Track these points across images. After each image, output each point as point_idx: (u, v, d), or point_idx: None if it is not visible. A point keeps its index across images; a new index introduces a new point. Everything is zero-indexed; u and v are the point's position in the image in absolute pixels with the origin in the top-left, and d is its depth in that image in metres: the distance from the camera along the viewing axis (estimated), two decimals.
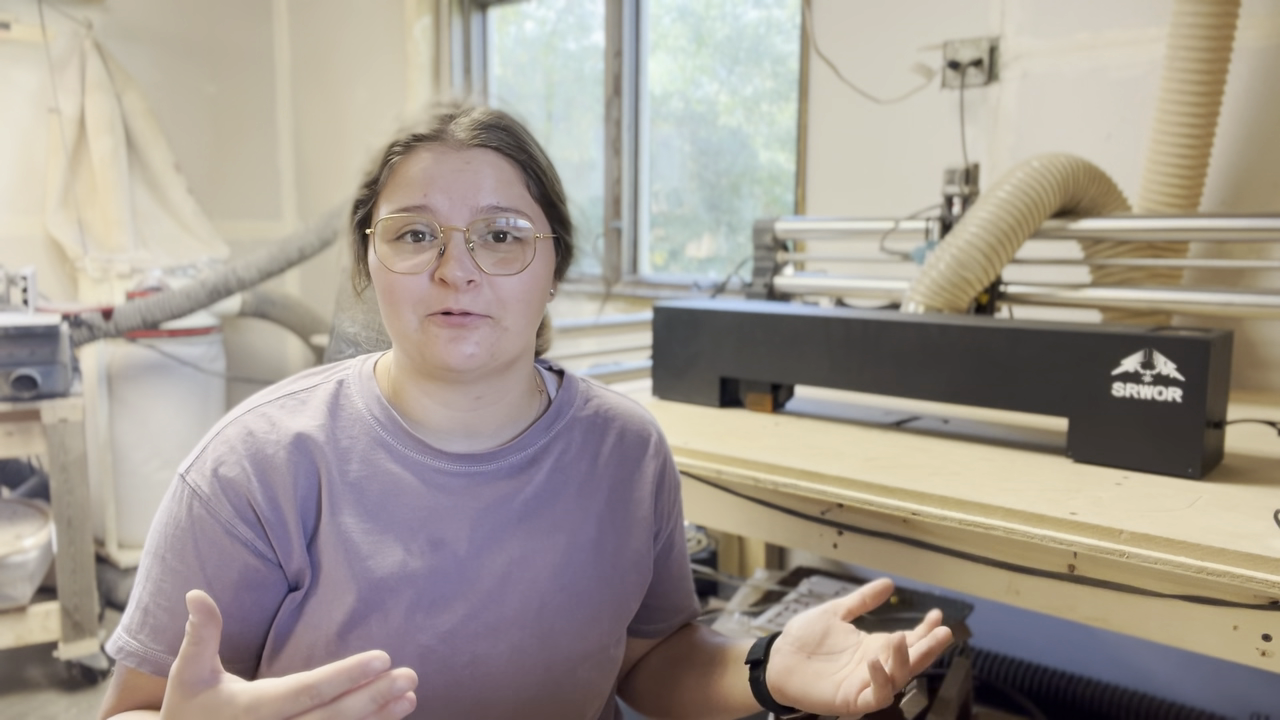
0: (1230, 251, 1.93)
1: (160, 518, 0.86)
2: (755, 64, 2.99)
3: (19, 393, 2.54)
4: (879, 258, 1.97)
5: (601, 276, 3.27)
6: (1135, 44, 2.03)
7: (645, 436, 1.00)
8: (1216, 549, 0.93)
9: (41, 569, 2.73)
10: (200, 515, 0.83)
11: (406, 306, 0.82)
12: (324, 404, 0.89)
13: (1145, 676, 2.06)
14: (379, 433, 0.88)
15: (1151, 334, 1.18)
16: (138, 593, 0.85)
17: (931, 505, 1.11)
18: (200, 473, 0.85)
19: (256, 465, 0.84)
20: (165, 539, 0.85)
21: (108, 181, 3.48)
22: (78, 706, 2.70)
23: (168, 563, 0.84)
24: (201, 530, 0.83)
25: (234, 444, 0.85)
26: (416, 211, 0.82)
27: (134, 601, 0.85)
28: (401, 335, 0.84)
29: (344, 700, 0.63)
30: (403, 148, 0.84)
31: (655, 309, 1.66)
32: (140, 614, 0.84)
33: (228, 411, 0.94)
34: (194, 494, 0.84)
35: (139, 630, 0.84)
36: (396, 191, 0.83)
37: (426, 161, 0.83)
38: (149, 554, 0.86)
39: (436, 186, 0.82)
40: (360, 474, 0.86)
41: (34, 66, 3.50)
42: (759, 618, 2.06)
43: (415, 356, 0.85)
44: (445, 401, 0.88)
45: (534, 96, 3.66)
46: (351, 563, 0.83)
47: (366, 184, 0.87)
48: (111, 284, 3.42)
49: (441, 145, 0.83)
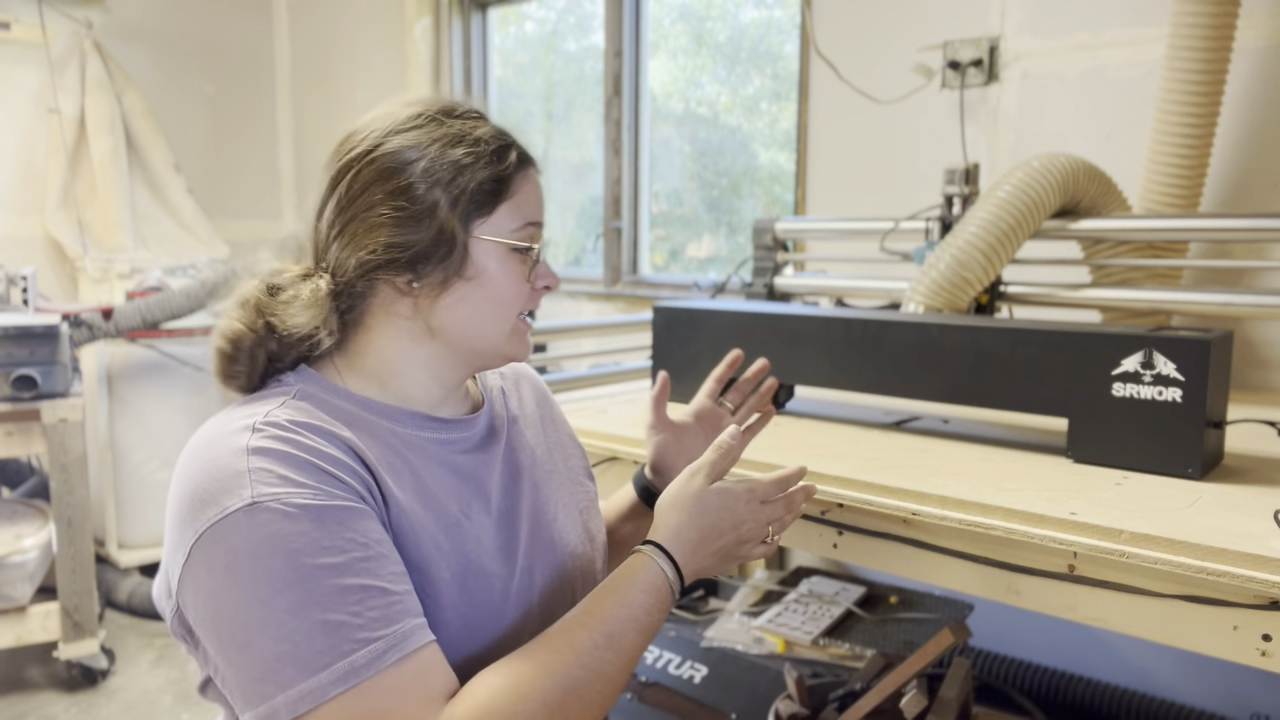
0: (1230, 251, 1.93)
1: (258, 554, 0.74)
2: (755, 64, 2.99)
3: (19, 393, 2.54)
4: (879, 258, 1.97)
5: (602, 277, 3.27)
6: (1135, 44, 2.03)
7: (538, 380, 1.17)
8: (1216, 549, 0.93)
9: (41, 569, 2.73)
10: (314, 506, 0.76)
11: (514, 310, 0.93)
12: (317, 409, 0.86)
13: (1145, 676, 2.06)
14: (378, 420, 0.89)
15: (1151, 334, 1.18)
16: (306, 625, 0.73)
17: (931, 505, 1.11)
18: (268, 483, 0.77)
19: (315, 454, 0.80)
20: (297, 554, 0.74)
21: (108, 181, 3.48)
22: (78, 706, 2.69)
23: (324, 565, 0.75)
24: (329, 515, 0.77)
25: (278, 452, 0.79)
26: (539, 229, 0.94)
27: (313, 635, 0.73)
28: (497, 334, 0.93)
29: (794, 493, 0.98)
30: (524, 163, 0.93)
31: (655, 309, 1.66)
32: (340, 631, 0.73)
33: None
34: (284, 499, 0.76)
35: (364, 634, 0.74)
36: (526, 207, 0.92)
37: (537, 183, 0.95)
38: (286, 588, 0.73)
39: (541, 206, 0.95)
40: (390, 458, 0.87)
41: (34, 66, 3.50)
42: (759, 618, 2.06)
43: (492, 352, 0.94)
44: (448, 384, 0.95)
45: (534, 97, 3.66)
46: (429, 535, 0.86)
47: (493, 190, 0.90)
48: (111, 284, 3.42)
49: (535, 168, 0.95)
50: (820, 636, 1.95)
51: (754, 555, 0.97)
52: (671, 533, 0.91)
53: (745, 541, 0.94)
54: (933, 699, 1.56)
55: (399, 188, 0.88)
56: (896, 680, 1.58)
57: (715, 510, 0.92)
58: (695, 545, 0.91)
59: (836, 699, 1.70)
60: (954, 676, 1.60)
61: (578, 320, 2.83)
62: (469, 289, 0.90)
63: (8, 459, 3.29)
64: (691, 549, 0.91)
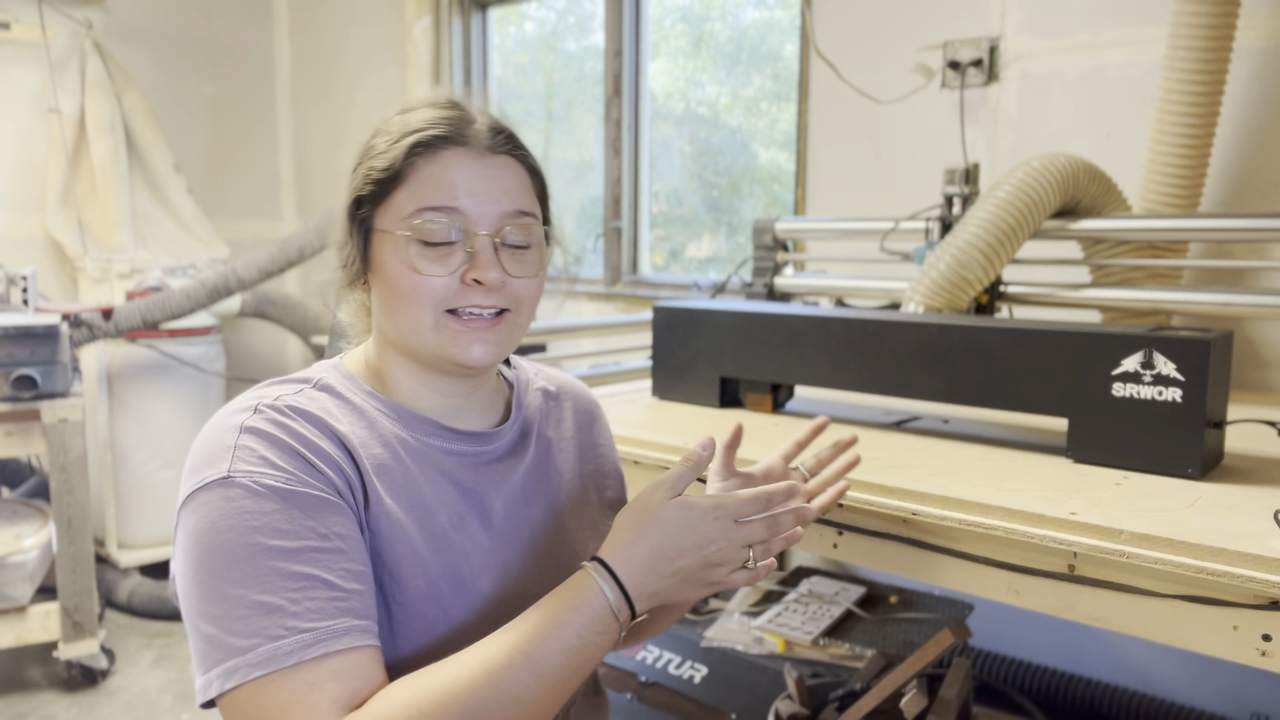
0: (1230, 251, 1.93)
1: (219, 528, 0.75)
2: (755, 64, 2.99)
3: (19, 393, 2.54)
4: (879, 258, 1.97)
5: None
6: (1135, 44, 2.03)
7: (591, 403, 1.11)
8: (1216, 549, 0.93)
9: (41, 569, 2.73)
10: (285, 490, 0.77)
11: (427, 305, 0.85)
12: (325, 405, 0.87)
13: (1145, 676, 2.06)
14: (388, 423, 0.88)
15: (1151, 334, 1.18)
16: (248, 603, 0.73)
17: (931, 505, 1.11)
18: (249, 462, 0.78)
19: (303, 443, 0.81)
20: (253, 532, 0.75)
21: (108, 181, 3.48)
22: (78, 706, 2.69)
23: (274, 549, 0.75)
24: (297, 500, 0.77)
25: (268, 434, 0.80)
26: (448, 214, 0.85)
27: (252, 613, 0.73)
28: (414, 331, 0.86)
29: (779, 515, 0.85)
30: (424, 146, 0.86)
31: (655, 309, 1.66)
32: (279, 612, 0.73)
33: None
34: (258, 478, 0.77)
35: (297, 621, 0.73)
36: (425, 191, 0.85)
37: (455, 164, 0.85)
38: (236, 564, 0.74)
39: (465, 190, 0.85)
40: (386, 458, 0.86)
41: (34, 66, 3.50)
42: (759, 618, 2.06)
43: (425, 352, 0.87)
44: (443, 391, 0.92)
45: (534, 96, 3.66)
46: (406, 539, 0.84)
47: (382, 179, 0.86)
48: (111, 284, 3.42)
49: (466, 149, 0.86)
50: (820, 636, 1.95)
51: (733, 582, 0.84)
52: (620, 549, 0.81)
53: (715, 565, 0.82)
54: (933, 699, 1.56)
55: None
56: (896, 680, 1.58)
57: (674, 526, 0.81)
58: (646, 564, 0.80)
59: (836, 699, 1.70)
60: (954, 676, 1.60)
61: (578, 320, 2.83)
62: (379, 284, 0.88)
63: (8, 459, 3.29)
64: (642, 568, 0.80)
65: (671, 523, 0.81)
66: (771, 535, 0.85)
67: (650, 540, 0.81)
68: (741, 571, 0.84)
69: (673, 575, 0.81)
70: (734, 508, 0.83)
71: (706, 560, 0.82)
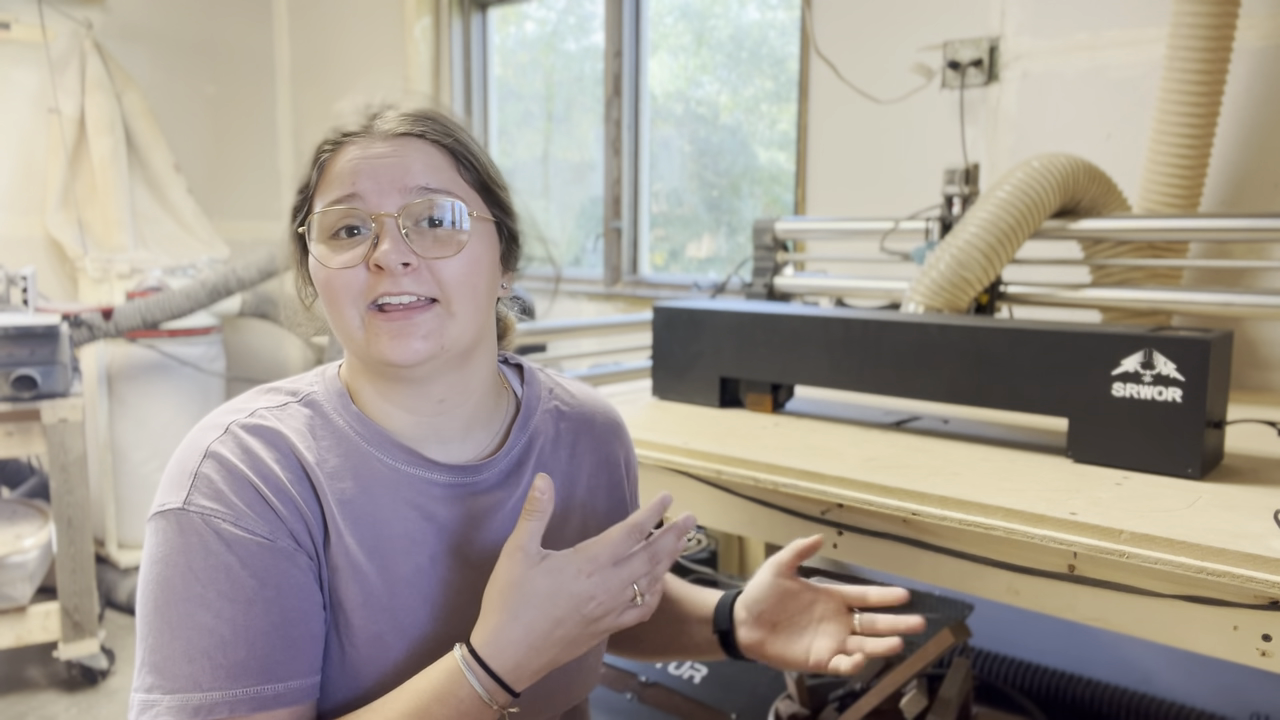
0: (1230, 251, 1.93)
1: (167, 562, 0.76)
2: (755, 64, 2.99)
3: (19, 393, 2.54)
4: (879, 258, 1.97)
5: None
6: (1135, 44, 2.03)
7: (613, 423, 1.02)
8: (1216, 549, 0.93)
9: (41, 569, 2.73)
10: (231, 535, 0.76)
11: (347, 302, 0.80)
12: (304, 426, 0.84)
13: (1145, 676, 2.06)
14: (366, 449, 0.84)
15: (1151, 334, 1.18)
16: (177, 645, 0.74)
17: (931, 505, 1.11)
18: (205, 495, 0.77)
19: (261, 476, 0.79)
20: (193, 576, 0.75)
21: (108, 181, 3.48)
22: (78, 706, 2.69)
23: (208, 598, 0.75)
24: (240, 548, 0.76)
25: (229, 464, 0.79)
26: (346, 202, 0.80)
27: (176, 656, 0.74)
28: (347, 336, 0.82)
29: (658, 540, 0.80)
30: (332, 146, 0.84)
31: (655, 309, 1.66)
32: (205, 661, 0.74)
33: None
34: (208, 518, 0.76)
35: (213, 680, 0.74)
36: (327, 188, 0.82)
37: (353, 154, 0.82)
38: (171, 604, 0.75)
39: (363, 175, 0.80)
40: (354, 493, 0.82)
41: (34, 66, 3.50)
42: None
43: (363, 356, 0.83)
44: (408, 407, 0.85)
45: (534, 96, 3.66)
46: (360, 582, 0.81)
47: (301, 189, 0.86)
48: (111, 284, 3.42)
49: (368, 138, 0.83)
50: None
51: (625, 622, 0.79)
52: (492, 636, 0.76)
53: (599, 618, 0.77)
54: (933, 699, 1.56)
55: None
56: (896, 680, 1.57)
57: (544, 598, 0.75)
58: (523, 646, 0.75)
59: (836, 699, 1.70)
60: (954, 676, 1.60)
61: (578, 320, 2.83)
62: (320, 293, 0.85)
63: (8, 459, 3.29)
64: (518, 652, 0.75)
65: (541, 594, 0.76)
66: (654, 566, 0.79)
67: (522, 620, 0.75)
68: (630, 611, 0.79)
69: (555, 645, 0.77)
70: (606, 554, 0.77)
71: (588, 617, 0.77)
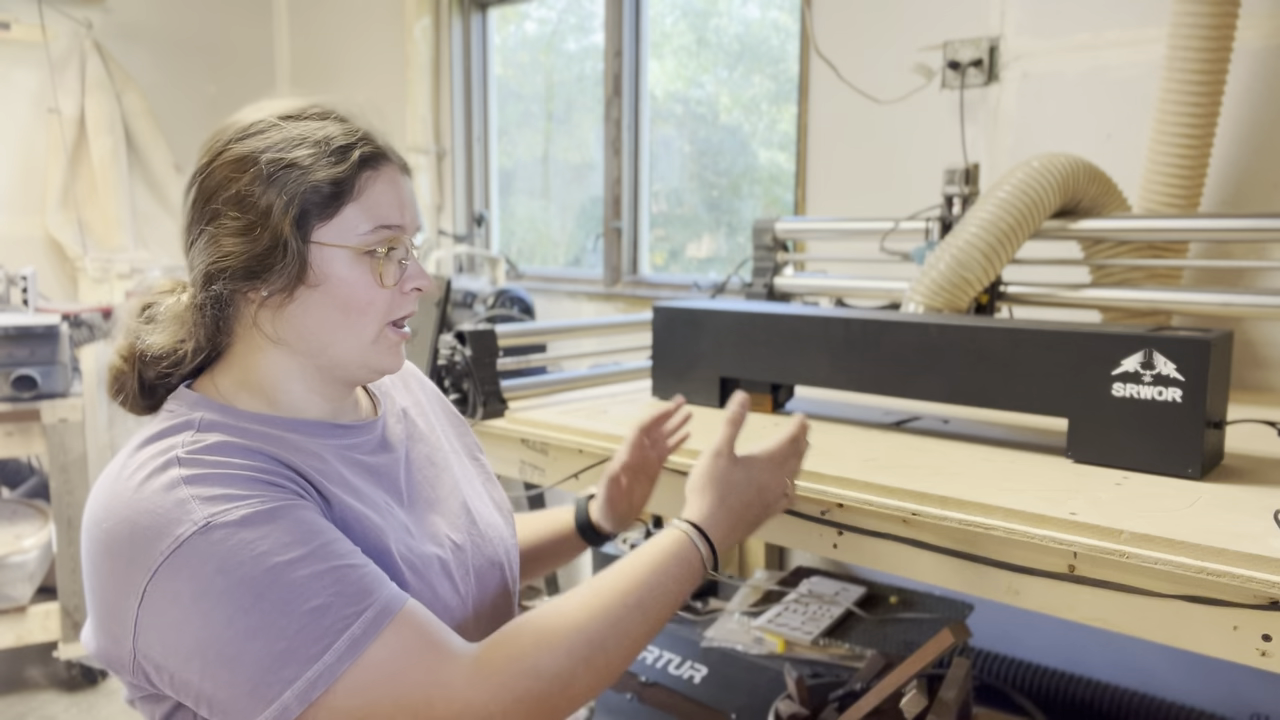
0: (1230, 251, 1.93)
1: (225, 571, 0.74)
2: (755, 64, 2.99)
3: (19, 393, 2.54)
4: (879, 258, 1.97)
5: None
6: (1135, 44, 2.03)
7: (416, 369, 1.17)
8: (1216, 549, 0.93)
9: (41, 569, 2.73)
10: (260, 511, 0.77)
11: (376, 317, 0.89)
12: (232, 436, 0.84)
13: (1145, 676, 2.06)
14: (295, 437, 0.87)
15: (1151, 334, 1.18)
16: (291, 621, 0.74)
17: (931, 505, 1.11)
18: (208, 502, 0.76)
19: (248, 468, 0.81)
20: (261, 560, 0.75)
21: (108, 181, 3.48)
22: (78, 706, 2.69)
23: (289, 566, 0.75)
24: (278, 516, 0.77)
25: (212, 473, 0.79)
26: (399, 231, 0.90)
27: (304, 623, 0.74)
28: (349, 344, 0.89)
29: (801, 443, 1.10)
30: (371, 161, 0.89)
31: (655, 309, 1.66)
32: (329, 613, 0.75)
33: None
34: (229, 511, 0.76)
35: (351, 608, 0.76)
36: (379, 210, 0.88)
37: (396, 181, 0.91)
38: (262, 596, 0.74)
39: (407, 206, 0.91)
40: (318, 465, 0.87)
41: (34, 66, 3.50)
42: (759, 618, 2.06)
43: (350, 364, 0.90)
44: (331, 396, 0.94)
45: (534, 96, 3.66)
46: (370, 525, 0.87)
47: (332, 192, 0.85)
48: (111, 284, 3.43)
49: (396, 165, 0.92)
50: (820, 636, 1.95)
51: (780, 508, 1.07)
52: (707, 513, 0.99)
53: (770, 504, 1.05)
54: (933, 699, 1.56)
55: (237, 194, 0.85)
56: (896, 680, 1.57)
57: (742, 486, 1.01)
58: (729, 524, 0.99)
59: (836, 699, 1.70)
60: (954, 676, 1.60)
61: (578, 320, 2.83)
62: (316, 297, 0.86)
63: (8, 459, 3.29)
64: (726, 528, 0.99)
65: (740, 483, 1.02)
66: (797, 459, 1.09)
67: (728, 503, 1.01)
68: (784, 499, 1.07)
69: (748, 525, 1.03)
70: (780, 454, 1.06)
71: (765, 503, 1.04)
